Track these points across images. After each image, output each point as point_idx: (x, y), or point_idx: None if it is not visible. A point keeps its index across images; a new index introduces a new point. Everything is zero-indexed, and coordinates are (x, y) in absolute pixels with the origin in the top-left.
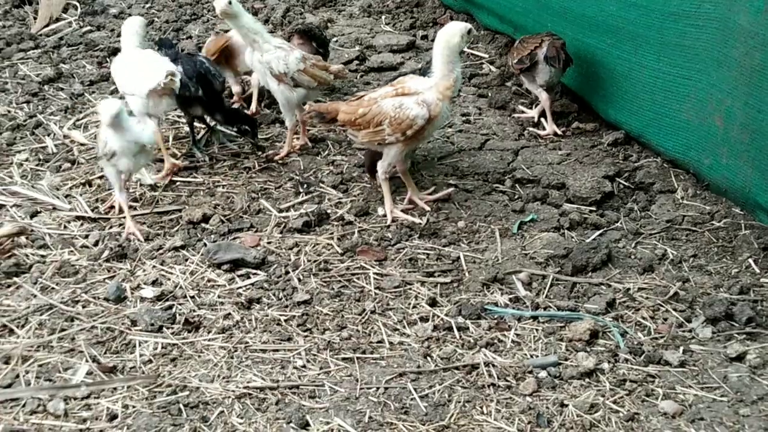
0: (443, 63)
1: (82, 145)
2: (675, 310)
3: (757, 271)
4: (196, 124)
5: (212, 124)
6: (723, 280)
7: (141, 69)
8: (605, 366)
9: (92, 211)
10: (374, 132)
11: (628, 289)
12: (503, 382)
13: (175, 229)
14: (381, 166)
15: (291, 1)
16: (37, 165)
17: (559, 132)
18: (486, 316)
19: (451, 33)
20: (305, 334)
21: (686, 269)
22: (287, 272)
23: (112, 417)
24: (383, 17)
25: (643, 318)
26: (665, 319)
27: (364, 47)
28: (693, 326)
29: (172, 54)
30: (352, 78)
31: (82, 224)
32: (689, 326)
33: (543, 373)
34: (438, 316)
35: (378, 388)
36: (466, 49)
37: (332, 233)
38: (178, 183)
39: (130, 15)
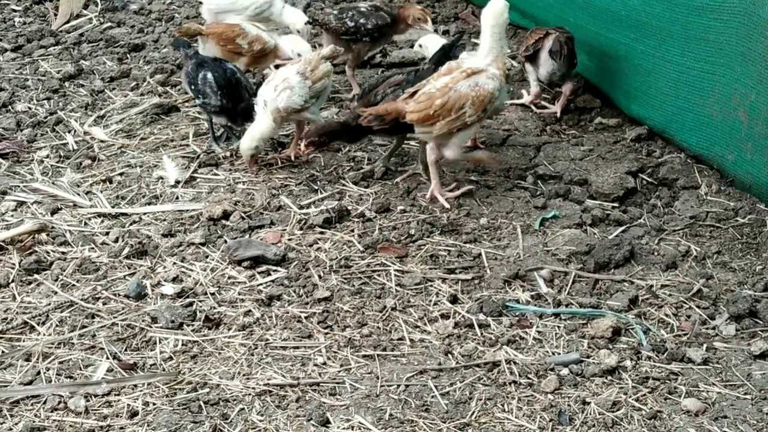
0: (494, 40)
1: (102, 141)
2: (698, 307)
3: None
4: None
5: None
6: (747, 277)
7: None
8: (627, 363)
9: (112, 207)
10: (456, 117)
11: (651, 286)
12: (525, 379)
13: (196, 225)
14: (453, 152)
15: None
16: (57, 162)
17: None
18: (507, 313)
19: (499, 10)
20: (326, 331)
21: (710, 266)
22: (307, 269)
23: (133, 414)
24: None
25: (666, 315)
26: (688, 317)
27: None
28: (716, 323)
29: (193, 55)
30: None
31: (102, 221)
32: (713, 323)
33: (565, 371)
34: (459, 313)
35: (399, 386)
36: None
37: (353, 230)
38: (198, 180)
39: (150, 11)
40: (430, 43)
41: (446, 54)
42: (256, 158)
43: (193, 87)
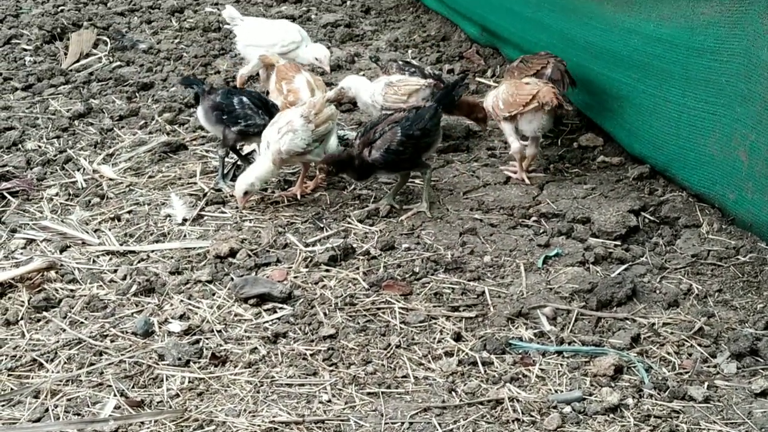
0: None
1: (111, 180)
2: (700, 345)
3: None
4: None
5: (241, 157)
6: (748, 315)
7: None
8: (630, 401)
9: (121, 245)
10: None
11: (653, 324)
12: (528, 417)
13: (203, 263)
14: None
15: (318, 35)
16: (67, 200)
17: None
18: (511, 350)
19: None
20: (331, 368)
21: (711, 304)
22: (313, 306)
23: None
24: (410, 51)
25: (668, 353)
26: (690, 355)
27: None
28: (718, 362)
29: (210, 90)
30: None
31: (110, 259)
32: (714, 362)
33: (567, 409)
34: (463, 351)
35: (403, 423)
36: (490, 83)
37: (358, 267)
38: (205, 217)
39: (158, 50)
40: (354, 83)
41: (449, 92)
42: (248, 197)
43: (229, 114)
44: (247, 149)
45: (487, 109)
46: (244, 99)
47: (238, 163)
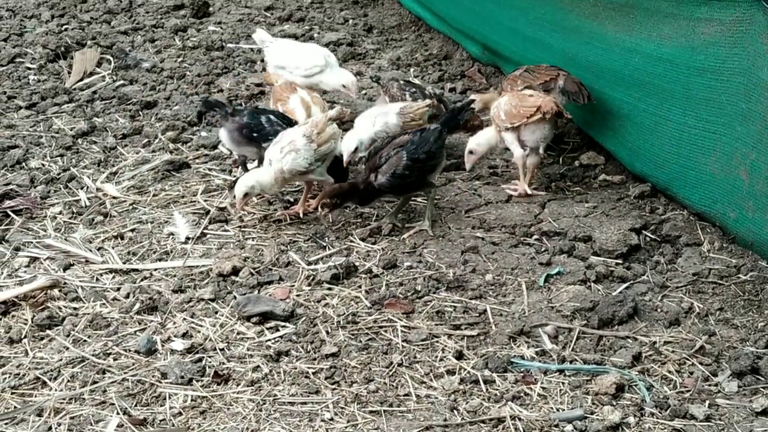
0: None
1: (114, 198)
2: (701, 363)
3: None
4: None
5: None
6: (749, 333)
7: None
8: (631, 420)
9: (124, 263)
10: None
11: (654, 342)
12: None
13: (205, 281)
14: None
15: None
16: (70, 218)
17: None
18: (512, 369)
19: None
20: (333, 386)
21: (712, 323)
22: (315, 325)
23: None
24: (412, 70)
25: (669, 372)
26: (691, 373)
27: None
28: (719, 380)
29: (234, 111)
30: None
31: (113, 277)
32: (715, 380)
33: (569, 427)
34: (465, 369)
35: None
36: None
37: (360, 286)
38: (208, 236)
39: (162, 68)
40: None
41: (455, 116)
42: (246, 200)
43: (259, 133)
44: None
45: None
46: (272, 117)
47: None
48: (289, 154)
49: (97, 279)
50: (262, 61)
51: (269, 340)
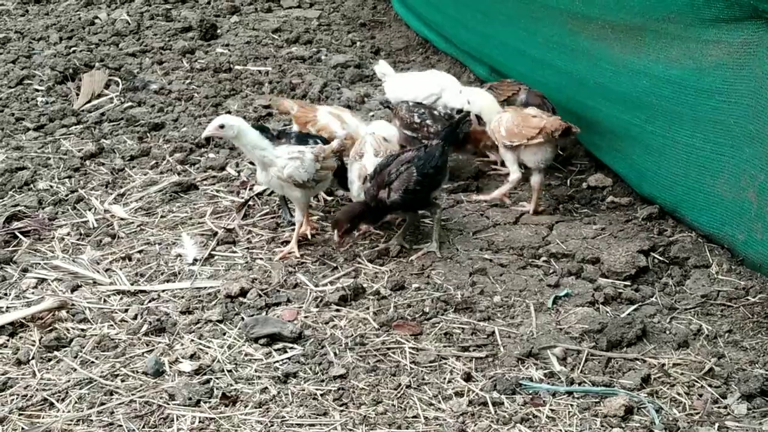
0: None
1: (122, 219)
2: (710, 386)
3: None
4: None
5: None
6: (758, 356)
7: None
8: None
9: (132, 284)
10: None
11: (663, 364)
12: None
13: (213, 303)
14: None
15: (328, 76)
16: (78, 239)
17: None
18: (521, 391)
19: None
20: (341, 408)
21: (721, 345)
22: (323, 346)
23: None
24: None
25: (678, 394)
26: (700, 395)
27: None
28: (728, 402)
29: (297, 137)
30: None
31: (121, 298)
32: (724, 402)
33: None
34: (473, 391)
35: None
36: None
37: (368, 307)
38: (216, 257)
39: (170, 90)
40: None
41: (453, 130)
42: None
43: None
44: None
45: (489, 132)
46: (319, 141)
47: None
48: (295, 160)
49: (105, 300)
50: (270, 83)
51: (277, 361)
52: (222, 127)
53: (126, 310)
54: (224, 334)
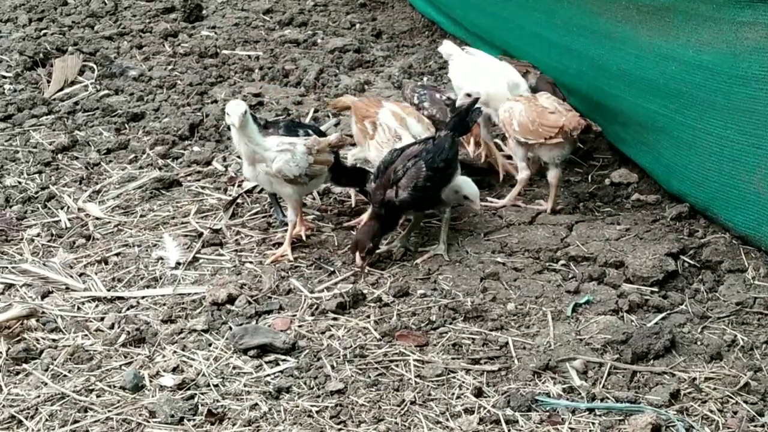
0: None
1: (97, 219)
2: (746, 402)
3: None
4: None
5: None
6: None
7: None
8: None
9: (108, 291)
10: None
11: (694, 378)
12: None
13: (198, 311)
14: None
15: (325, 61)
16: (49, 241)
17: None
18: (537, 407)
19: None
20: (339, 426)
21: (758, 357)
22: (319, 359)
23: None
24: (425, 79)
25: (711, 411)
26: (735, 413)
27: None
28: (766, 421)
29: (285, 126)
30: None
31: (97, 306)
32: (761, 420)
33: None
34: (484, 408)
35: None
36: None
37: (369, 316)
38: (201, 260)
39: (150, 77)
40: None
41: (462, 119)
42: None
43: None
44: None
45: (499, 123)
46: (310, 131)
47: (238, 201)
48: (284, 153)
49: (79, 308)
50: (260, 69)
51: (268, 375)
52: (245, 114)
53: (102, 319)
54: (210, 345)
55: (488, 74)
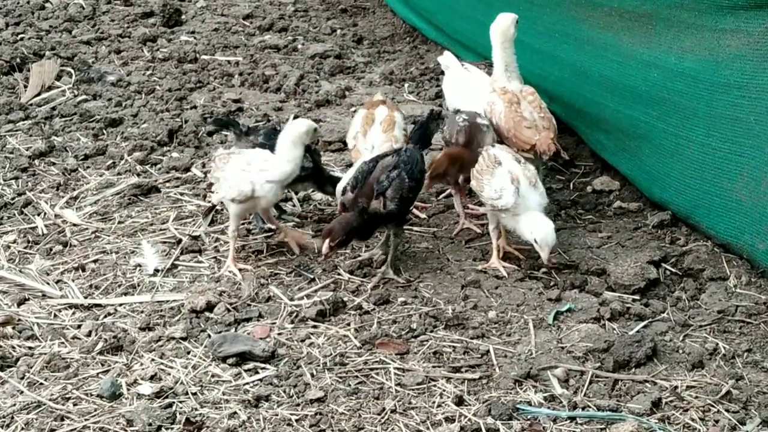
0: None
1: (74, 225)
2: (727, 411)
3: None
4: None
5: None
6: None
7: None
8: None
9: (85, 298)
10: None
11: (676, 387)
12: None
13: (176, 318)
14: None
15: (305, 67)
16: (25, 247)
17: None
18: (518, 416)
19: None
20: None
21: (740, 365)
22: (299, 367)
23: None
24: (406, 85)
25: (692, 420)
26: (716, 421)
27: None
28: (747, 429)
29: (249, 130)
30: None
31: (74, 313)
32: (743, 429)
33: None
34: (465, 417)
35: None
36: None
37: (349, 323)
38: (180, 268)
39: (129, 82)
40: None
41: (425, 130)
42: None
43: None
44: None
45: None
46: None
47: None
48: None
49: (55, 315)
50: (240, 74)
51: (247, 383)
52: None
53: (79, 326)
54: (188, 352)
55: (479, 94)
